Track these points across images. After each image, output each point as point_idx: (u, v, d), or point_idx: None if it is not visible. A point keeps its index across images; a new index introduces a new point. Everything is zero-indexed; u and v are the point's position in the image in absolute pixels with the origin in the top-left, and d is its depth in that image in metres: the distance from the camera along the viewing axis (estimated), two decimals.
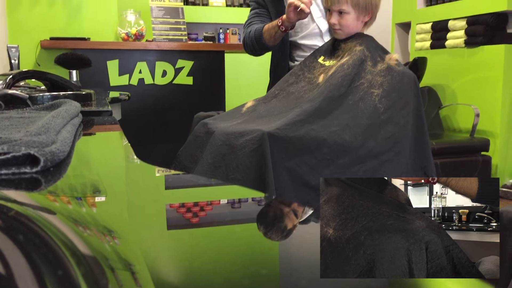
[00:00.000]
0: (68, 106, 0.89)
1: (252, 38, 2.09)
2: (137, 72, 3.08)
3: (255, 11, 2.20)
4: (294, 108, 1.50)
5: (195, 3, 4.56)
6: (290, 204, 0.57)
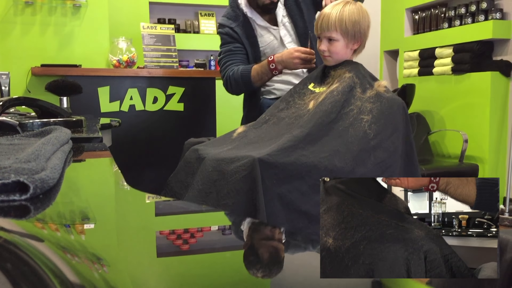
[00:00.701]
0: (58, 133, 0.89)
1: (238, 81, 2.08)
2: (128, 99, 3.08)
3: (229, 48, 2.15)
4: (285, 134, 1.51)
5: (187, 31, 4.62)
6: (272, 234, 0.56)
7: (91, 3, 3.58)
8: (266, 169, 1.34)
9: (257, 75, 2.03)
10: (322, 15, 1.72)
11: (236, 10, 2.15)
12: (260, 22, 2.14)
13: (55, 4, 3.53)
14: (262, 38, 2.14)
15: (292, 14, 2.13)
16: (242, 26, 2.13)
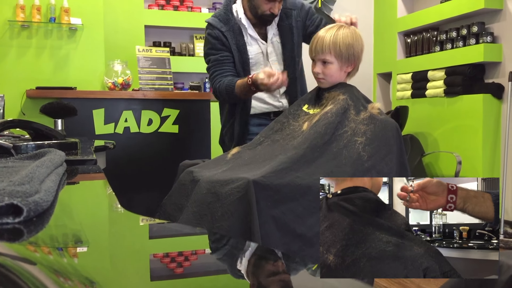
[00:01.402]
0: (53, 155, 0.89)
1: (223, 94, 2.10)
2: (123, 121, 3.09)
3: (217, 57, 2.15)
4: (279, 155, 1.51)
5: (182, 54, 4.65)
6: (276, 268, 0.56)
7: (87, 26, 3.62)
8: (261, 191, 1.34)
9: (240, 91, 2.04)
10: (316, 38, 1.75)
11: (229, 14, 2.14)
12: (251, 32, 2.16)
13: (51, 27, 3.55)
14: (251, 47, 2.16)
15: (282, 35, 2.16)
16: (232, 31, 2.12)
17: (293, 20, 2.15)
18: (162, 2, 4.54)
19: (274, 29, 2.17)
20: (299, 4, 2.20)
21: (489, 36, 3.86)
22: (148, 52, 3.30)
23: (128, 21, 4.35)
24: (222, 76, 2.13)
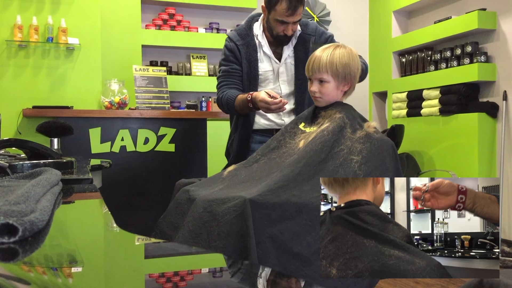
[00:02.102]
0: (48, 175, 0.89)
1: (224, 105, 2.20)
2: (119, 140, 3.09)
3: (227, 69, 2.24)
4: (275, 173, 1.51)
5: (178, 73, 4.68)
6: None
7: (85, 46, 3.64)
8: (257, 210, 1.33)
9: (239, 106, 2.13)
10: (313, 58, 1.76)
11: (248, 30, 2.25)
12: (266, 49, 2.23)
13: (49, 47, 3.58)
14: (262, 64, 2.22)
15: (297, 57, 2.22)
16: (247, 45, 2.22)
17: (310, 45, 2.18)
18: (159, 22, 4.58)
19: (289, 51, 2.22)
20: (319, 31, 2.26)
21: (483, 56, 3.90)
22: (145, 71, 3.31)
23: (125, 40, 4.38)
24: (227, 87, 2.21)
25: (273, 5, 2.09)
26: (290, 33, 2.14)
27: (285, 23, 2.10)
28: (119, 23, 4.39)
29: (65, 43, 3.56)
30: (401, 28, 5.04)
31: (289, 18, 2.07)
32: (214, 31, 4.75)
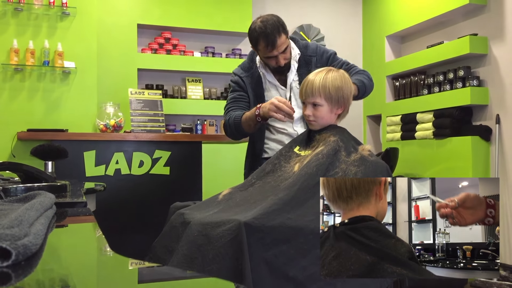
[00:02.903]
0: (42, 198, 0.88)
1: (232, 126, 2.20)
2: (114, 163, 3.08)
3: (234, 96, 2.29)
4: (270, 196, 1.50)
5: (174, 96, 4.70)
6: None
7: (81, 70, 3.66)
8: (252, 233, 1.33)
9: (245, 120, 2.13)
10: (306, 82, 1.78)
11: (250, 63, 2.31)
12: (270, 79, 2.27)
13: (44, 70, 3.59)
14: (270, 93, 2.26)
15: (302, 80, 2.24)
16: (251, 77, 2.28)
17: (313, 66, 2.21)
18: (155, 46, 4.63)
19: (293, 75, 2.25)
20: (320, 51, 2.29)
21: (475, 80, 3.95)
22: (141, 94, 3.33)
23: (121, 64, 4.41)
24: (233, 111, 2.24)
25: (254, 46, 2.18)
26: (282, 63, 2.18)
27: (272, 57, 2.15)
28: (116, 46, 4.42)
29: (61, 67, 3.58)
30: (394, 52, 5.11)
31: (273, 52, 2.12)
32: (210, 55, 4.79)
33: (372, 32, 5.30)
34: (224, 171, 4.46)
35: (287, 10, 5.20)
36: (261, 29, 2.09)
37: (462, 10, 4.16)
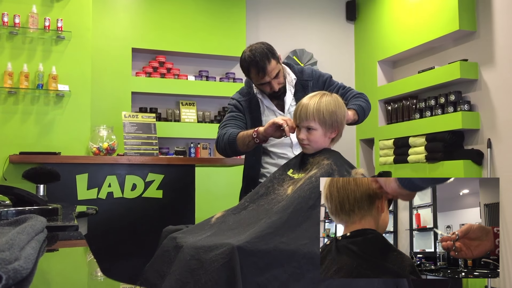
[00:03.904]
0: (34, 222, 0.87)
1: (225, 142, 2.19)
2: (106, 186, 3.06)
3: (232, 114, 2.31)
4: (263, 219, 1.50)
5: (168, 119, 4.71)
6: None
7: (74, 93, 3.67)
8: (245, 257, 1.32)
9: (241, 138, 2.13)
10: (300, 106, 1.79)
11: (248, 89, 2.35)
12: (268, 104, 2.29)
13: (38, 93, 3.60)
14: (267, 118, 2.27)
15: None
16: (249, 101, 2.31)
17: (309, 90, 2.23)
18: (150, 69, 4.66)
19: (291, 99, 2.27)
20: (315, 75, 2.32)
21: (466, 105, 4.00)
22: (134, 117, 3.33)
23: (115, 87, 4.43)
24: (229, 127, 2.25)
25: (246, 75, 2.23)
26: (277, 88, 2.21)
27: (266, 84, 2.18)
28: (110, 70, 4.45)
29: (55, 90, 3.58)
30: (386, 77, 5.17)
31: (265, 78, 2.16)
32: (204, 78, 4.83)
33: (364, 57, 5.37)
34: (217, 194, 4.45)
35: (280, 35, 5.27)
36: (251, 58, 2.14)
37: (452, 36, 4.24)
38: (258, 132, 2.04)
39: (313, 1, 5.46)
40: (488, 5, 3.97)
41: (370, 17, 5.28)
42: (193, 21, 4.78)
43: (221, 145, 2.23)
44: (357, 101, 2.18)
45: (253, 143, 2.09)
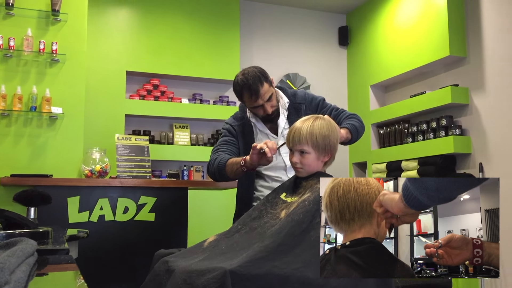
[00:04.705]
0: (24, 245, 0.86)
1: (215, 168, 2.21)
2: (98, 209, 3.03)
3: (225, 139, 2.32)
4: (256, 243, 1.49)
5: (161, 142, 4.71)
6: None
7: (68, 115, 3.66)
8: (238, 282, 1.30)
9: (230, 165, 2.15)
10: (293, 129, 1.80)
11: (242, 113, 2.37)
12: (261, 128, 2.31)
13: (31, 116, 3.59)
14: (261, 141, 2.25)
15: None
16: (243, 125, 2.32)
17: (303, 113, 2.25)
18: (143, 92, 4.67)
19: (284, 123, 2.29)
20: (308, 98, 2.34)
21: (457, 129, 4.03)
22: (128, 140, 3.33)
23: (109, 110, 4.44)
24: (222, 152, 2.26)
25: (240, 98, 2.25)
26: (270, 111, 2.23)
27: (259, 107, 2.20)
28: (104, 92, 4.46)
29: (48, 112, 3.58)
30: (379, 101, 5.22)
31: (258, 101, 2.18)
32: (198, 101, 4.85)
33: (357, 81, 5.43)
34: (210, 217, 4.42)
35: (274, 59, 5.32)
36: (243, 81, 2.16)
37: (443, 62, 4.30)
38: (245, 160, 2.05)
39: (306, 26, 5.54)
40: (478, 31, 4.04)
41: (362, 42, 5.36)
42: (187, 45, 4.82)
43: (211, 170, 2.25)
44: (351, 121, 2.21)
45: (240, 171, 2.10)
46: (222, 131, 2.40)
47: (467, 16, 4.15)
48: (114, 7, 4.67)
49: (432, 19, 4.29)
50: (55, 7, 3.63)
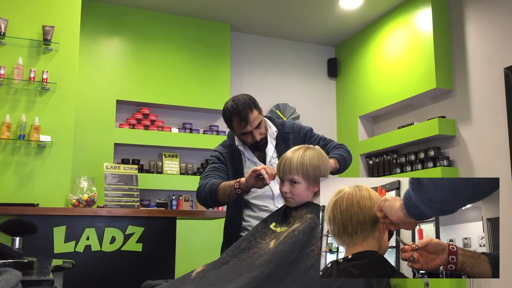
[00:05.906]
0: (8, 275, 0.85)
1: (206, 192, 2.18)
2: (84, 239, 2.98)
3: (214, 166, 2.31)
4: (245, 274, 1.47)
5: (150, 171, 4.68)
6: None
7: (56, 143, 3.64)
8: None
9: (223, 188, 2.12)
10: (284, 159, 1.81)
11: (231, 141, 2.37)
12: (249, 156, 2.31)
13: (19, 144, 3.56)
14: (249, 169, 2.24)
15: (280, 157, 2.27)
16: (231, 153, 2.32)
17: (291, 142, 2.26)
18: (133, 121, 4.67)
19: (272, 151, 2.29)
20: (296, 128, 2.36)
21: (445, 160, 4.07)
22: (116, 169, 3.31)
23: (98, 138, 4.42)
24: (212, 177, 2.24)
25: (229, 124, 2.26)
26: (258, 138, 2.24)
27: (247, 133, 2.21)
28: (94, 121, 4.46)
29: (37, 140, 3.56)
30: (367, 132, 5.27)
31: (247, 128, 2.19)
32: (187, 131, 4.86)
33: (346, 112, 5.49)
34: (199, 247, 4.37)
35: (264, 90, 5.38)
36: (233, 107, 2.18)
37: (430, 94, 4.37)
38: (240, 182, 2.04)
39: (296, 57, 5.63)
40: (464, 64, 4.13)
41: (351, 74, 5.44)
42: (177, 74, 4.86)
43: (202, 195, 2.22)
44: (338, 151, 2.22)
45: (234, 193, 2.08)
46: (211, 158, 2.39)
47: (453, 49, 4.25)
48: (106, 37, 4.71)
49: (418, 52, 4.38)
50: (47, 36, 3.65)
